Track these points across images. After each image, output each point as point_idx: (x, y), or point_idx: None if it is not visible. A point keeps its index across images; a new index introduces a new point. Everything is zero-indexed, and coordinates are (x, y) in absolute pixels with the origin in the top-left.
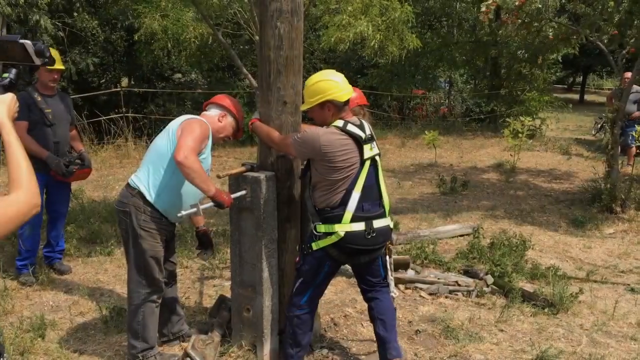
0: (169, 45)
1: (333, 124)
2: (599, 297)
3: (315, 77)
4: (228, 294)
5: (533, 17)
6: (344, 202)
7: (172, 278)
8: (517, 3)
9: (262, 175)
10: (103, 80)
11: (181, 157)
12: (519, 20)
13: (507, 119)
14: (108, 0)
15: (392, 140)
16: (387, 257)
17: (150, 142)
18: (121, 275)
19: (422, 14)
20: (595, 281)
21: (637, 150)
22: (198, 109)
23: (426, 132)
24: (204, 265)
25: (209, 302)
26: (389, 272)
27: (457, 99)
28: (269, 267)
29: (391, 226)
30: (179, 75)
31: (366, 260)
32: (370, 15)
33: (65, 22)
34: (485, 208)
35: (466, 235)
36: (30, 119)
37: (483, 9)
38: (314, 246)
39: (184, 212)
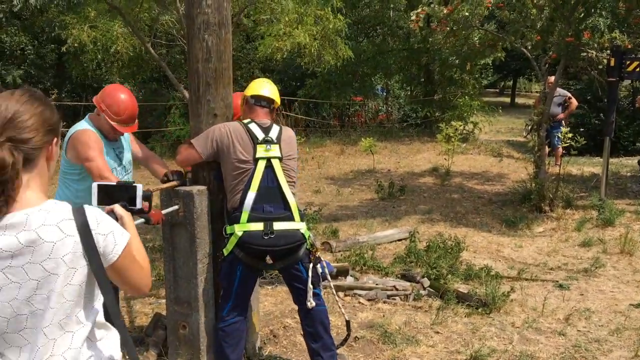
0: (99, 56)
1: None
2: (529, 294)
3: None
4: (164, 312)
5: (460, 25)
6: (242, 201)
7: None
8: (445, 11)
9: (194, 190)
10: None
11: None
12: (448, 28)
13: (440, 125)
14: (34, 13)
15: (332, 147)
16: (311, 264)
17: None
18: None
19: (358, 23)
20: (526, 279)
21: (564, 151)
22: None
23: (362, 139)
24: None
25: (145, 321)
26: (309, 280)
27: (395, 105)
28: (204, 282)
29: (302, 231)
30: None
31: (280, 265)
32: (305, 25)
33: None
34: (422, 212)
35: (404, 239)
36: None
37: (413, 17)
38: (225, 251)
39: None
